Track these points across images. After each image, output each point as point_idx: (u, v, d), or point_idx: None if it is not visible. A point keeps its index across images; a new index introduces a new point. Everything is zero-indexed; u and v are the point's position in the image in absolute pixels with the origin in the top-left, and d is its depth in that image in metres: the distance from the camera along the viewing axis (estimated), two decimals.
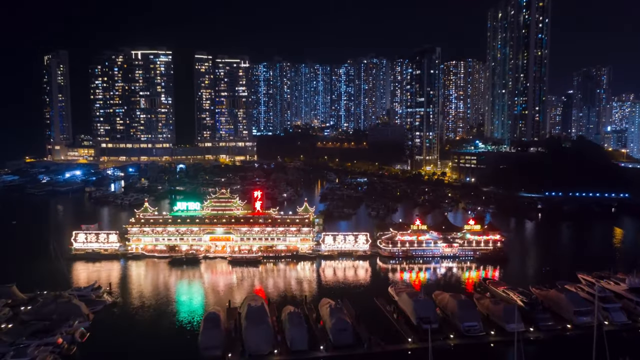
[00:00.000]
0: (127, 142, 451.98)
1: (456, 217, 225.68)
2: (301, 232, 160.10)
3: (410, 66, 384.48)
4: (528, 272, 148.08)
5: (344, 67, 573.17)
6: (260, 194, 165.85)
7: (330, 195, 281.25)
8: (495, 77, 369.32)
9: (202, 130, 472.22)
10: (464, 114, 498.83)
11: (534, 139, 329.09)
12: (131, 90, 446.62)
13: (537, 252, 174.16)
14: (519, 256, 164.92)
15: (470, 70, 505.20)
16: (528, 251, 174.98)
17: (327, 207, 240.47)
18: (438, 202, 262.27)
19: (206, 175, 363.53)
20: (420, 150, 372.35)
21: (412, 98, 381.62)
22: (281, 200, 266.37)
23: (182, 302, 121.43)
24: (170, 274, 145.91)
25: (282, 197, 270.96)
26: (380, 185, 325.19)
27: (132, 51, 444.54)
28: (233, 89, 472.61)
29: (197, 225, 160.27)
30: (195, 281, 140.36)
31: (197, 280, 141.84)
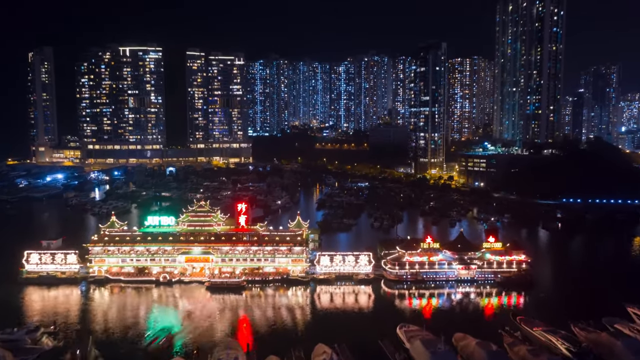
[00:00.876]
0: (114, 143, 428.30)
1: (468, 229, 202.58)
2: (293, 252, 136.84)
3: (414, 63, 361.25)
4: (560, 302, 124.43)
5: (343, 64, 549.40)
6: (245, 207, 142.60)
7: (328, 202, 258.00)
8: (505, 75, 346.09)
9: (195, 131, 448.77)
10: (470, 114, 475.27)
11: (548, 140, 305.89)
12: (119, 89, 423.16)
13: (567, 273, 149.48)
14: (546, 279, 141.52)
15: (475, 68, 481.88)
16: (556, 273, 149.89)
17: (324, 216, 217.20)
18: (446, 210, 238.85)
19: (196, 179, 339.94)
20: (425, 152, 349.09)
21: (416, 97, 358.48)
22: (275, 208, 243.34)
23: (143, 348, 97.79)
24: (136, 303, 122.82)
25: (275, 205, 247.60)
26: (383, 190, 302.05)
27: (120, 47, 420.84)
28: (227, 87, 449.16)
29: (170, 244, 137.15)
30: (165, 313, 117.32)
31: (168, 310, 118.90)
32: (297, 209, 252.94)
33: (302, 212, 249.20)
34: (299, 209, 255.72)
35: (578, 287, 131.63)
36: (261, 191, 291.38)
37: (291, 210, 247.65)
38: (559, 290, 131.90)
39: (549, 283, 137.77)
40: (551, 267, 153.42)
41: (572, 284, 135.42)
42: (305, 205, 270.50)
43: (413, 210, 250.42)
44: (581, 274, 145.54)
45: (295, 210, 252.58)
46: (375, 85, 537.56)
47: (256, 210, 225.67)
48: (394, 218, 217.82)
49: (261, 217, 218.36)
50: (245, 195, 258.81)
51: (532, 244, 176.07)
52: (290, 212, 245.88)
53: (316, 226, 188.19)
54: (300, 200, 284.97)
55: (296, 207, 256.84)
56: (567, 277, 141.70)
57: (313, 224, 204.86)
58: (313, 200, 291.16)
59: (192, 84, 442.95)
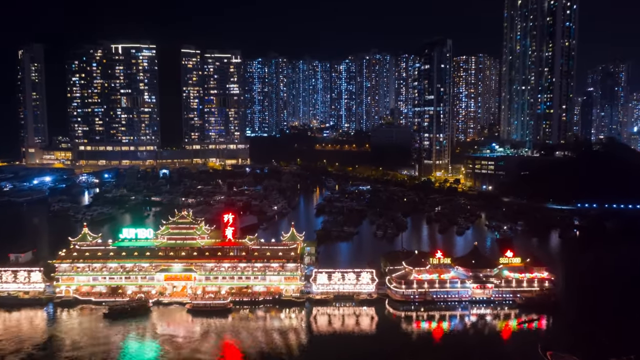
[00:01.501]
0: (107, 144, 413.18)
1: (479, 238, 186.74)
2: (286, 269, 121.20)
3: (418, 61, 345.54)
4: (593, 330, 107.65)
5: (344, 63, 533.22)
6: (232, 217, 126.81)
7: (328, 207, 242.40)
8: (513, 72, 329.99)
9: (190, 132, 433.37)
10: (475, 114, 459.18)
11: (560, 141, 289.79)
12: (111, 88, 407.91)
13: (595, 293, 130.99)
14: (573, 301, 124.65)
15: (481, 66, 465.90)
16: (584, 293, 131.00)
17: (323, 224, 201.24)
18: (453, 216, 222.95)
19: (190, 182, 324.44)
20: (430, 154, 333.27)
21: (420, 96, 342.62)
22: (270, 215, 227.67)
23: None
24: (106, 329, 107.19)
25: (271, 211, 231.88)
26: (385, 194, 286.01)
27: (112, 45, 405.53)
28: (223, 86, 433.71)
29: (148, 260, 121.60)
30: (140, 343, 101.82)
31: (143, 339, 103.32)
32: (294, 215, 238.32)
33: (300, 218, 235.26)
34: (296, 215, 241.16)
35: (612, 310, 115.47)
36: (257, 195, 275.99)
37: (288, 216, 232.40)
38: (590, 315, 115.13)
39: (576, 306, 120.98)
40: (577, 286, 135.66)
41: (604, 307, 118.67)
42: (304, 210, 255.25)
43: (418, 215, 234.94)
44: (613, 294, 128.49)
45: (293, 216, 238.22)
46: (377, 84, 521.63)
47: (249, 217, 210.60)
48: (398, 226, 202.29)
49: (255, 225, 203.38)
50: (239, 201, 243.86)
51: (551, 257, 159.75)
52: (287, 218, 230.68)
53: (314, 236, 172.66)
54: (298, 205, 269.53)
55: (294, 213, 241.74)
56: (598, 299, 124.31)
57: (311, 232, 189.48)
58: (312, 205, 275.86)
59: (187, 82, 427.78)
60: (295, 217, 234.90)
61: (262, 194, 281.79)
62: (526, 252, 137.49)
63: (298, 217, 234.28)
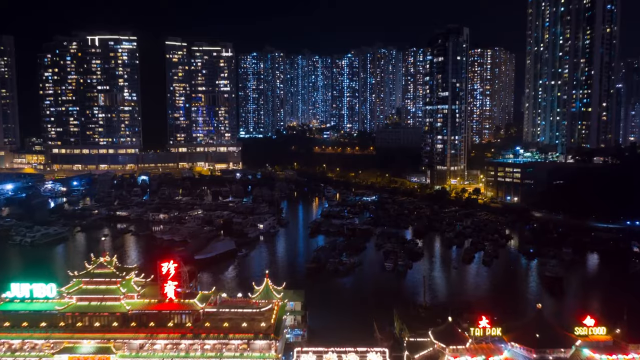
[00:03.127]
0: (82, 147, 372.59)
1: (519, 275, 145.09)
2: (253, 348, 79.57)
3: (430, 52, 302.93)
4: None
5: (346, 57, 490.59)
6: (175, 267, 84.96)
7: (325, 225, 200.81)
8: (540, 65, 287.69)
9: (175, 133, 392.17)
10: (491, 113, 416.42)
11: (600, 145, 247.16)
12: (87, 84, 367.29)
13: None
14: None
15: (497, 60, 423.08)
16: None
17: (317, 253, 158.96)
18: (478, 237, 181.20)
19: (169, 191, 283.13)
20: (443, 159, 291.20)
21: (432, 92, 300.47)
22: (254, 236, 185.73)
23: None
24: None
25: (255, 231, 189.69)
26: (393, 206, 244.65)
27: (88, 36, 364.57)
28: (213, 82, 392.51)
29: (43, 334, 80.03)
30: None
31: None
32: (284, 236, 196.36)
33: (290, 240, 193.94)
34: (287, 235, 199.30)
35: None
36: (243, 209, 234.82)
37: (276, 239, 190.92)
38: None
39: None
40: None
41: None
42: (297, 227, 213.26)
43: (433, 236, 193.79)
44: None
45: (282, 237, 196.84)
46: (383, 81, 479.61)
47: (224, 242, 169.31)
48: (411, 253, 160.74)
49: (231, 252, 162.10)
50: (218, 218, 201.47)
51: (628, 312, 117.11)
52: (275, 239, 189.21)
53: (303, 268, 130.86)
54: (293, 219, 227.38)
55: (284, 233, 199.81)
56: None
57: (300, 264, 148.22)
58: (311, 216, 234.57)
59: (172, 78, 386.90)
60: (285, 238, 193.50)
61: (249, 206, 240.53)
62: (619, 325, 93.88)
63: (288, 240, 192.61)
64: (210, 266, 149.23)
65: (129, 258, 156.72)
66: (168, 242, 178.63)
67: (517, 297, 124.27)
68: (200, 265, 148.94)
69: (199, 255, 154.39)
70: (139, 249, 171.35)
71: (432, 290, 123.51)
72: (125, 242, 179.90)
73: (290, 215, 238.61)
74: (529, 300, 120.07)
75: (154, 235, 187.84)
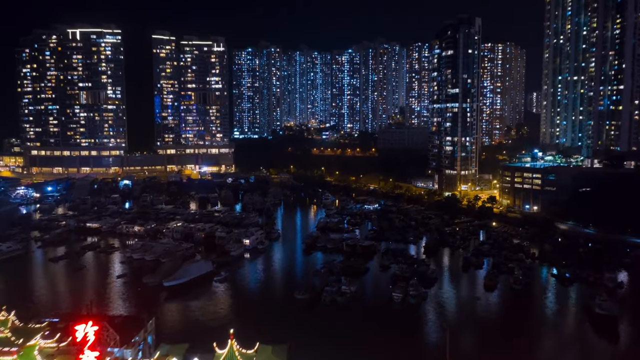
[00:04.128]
0: (63, 148, 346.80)
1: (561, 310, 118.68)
2: None
3: (439, 45, 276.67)
4: None
5: (347, 53, 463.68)
6: (95, 331, 58.67)
7: (322, 240, 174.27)
8: (560, 59, 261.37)
9: (163, 133, 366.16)
10: (502, 112, 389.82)
11: (632, 148, 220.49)
12: (68, 81, 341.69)
13: None
14: None
15: (507, 56, 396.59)
16: None
17: (310, 278, 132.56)
18: (501, 256, 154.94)
19: (152, 197, 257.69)
20: (453, 162, 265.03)
21: (440, 89, 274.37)
22: (237, 255, 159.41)
23: None
24: None
25: (239, 249, 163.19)
26: (399, 216, 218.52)
27: (69, 29, 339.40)
28: (203, 79, 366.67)
29: None
30: None
31: None
32: (273, 253, 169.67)
33: (281, 258, 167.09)
34: (276, 251, 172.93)
35: None
36: (230, 219, 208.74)
37: (264, 257, 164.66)
38: None
39: None
40: None
41: None
42: (290, 242, 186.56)
43: (446, 251, 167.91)
44: None
45: (271, 254, 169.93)
46: (385, 78, 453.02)
47: (202, 263, 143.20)
48: (423, 277, 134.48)
49: (209, 275, 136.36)
50: (199, 231, 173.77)
51: None
52: (261, 259, 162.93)
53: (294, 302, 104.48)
54: (286, 230, 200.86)
55: (273, 248, 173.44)
56: None
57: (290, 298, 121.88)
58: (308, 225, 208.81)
59: (159, 75, 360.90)
60: (275, 256, 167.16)
61: (237, 216, 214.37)
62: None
63: (278, 258, 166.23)
64: (180, 295, 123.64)
65: (76, 291, 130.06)
66: (138, 262, 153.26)
67: (568, 348, 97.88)
68: (170, 294, 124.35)
69: (169, 281, 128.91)
70: (99, 274, 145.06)
71: (454, 337, 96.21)
72: (85, 263, 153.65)
73: (283, 226, 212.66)
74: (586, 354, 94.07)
75: (124, 252, 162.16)
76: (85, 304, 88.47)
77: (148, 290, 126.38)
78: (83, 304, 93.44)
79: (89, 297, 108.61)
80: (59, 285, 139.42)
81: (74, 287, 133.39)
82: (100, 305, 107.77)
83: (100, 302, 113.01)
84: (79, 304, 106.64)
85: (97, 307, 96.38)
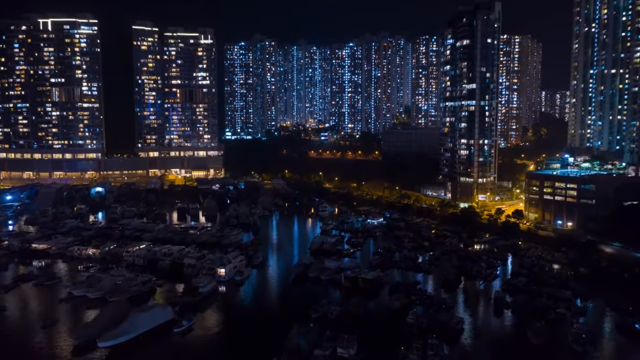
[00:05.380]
0: (34, 151, 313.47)
1: None
2: None
3: (452, 35, 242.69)
4: None
5: (347, 47, 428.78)
6: None
7: (315, 269, 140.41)
8: (593, 50, 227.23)
9: (145, 134, 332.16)
10: (519, 111, 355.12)
11: None
12: (38, 76, 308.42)
13: None
14: None
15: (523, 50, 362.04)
16: None
17: (296, 339, 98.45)
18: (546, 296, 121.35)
19: (121, 208, 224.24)
20: (469, 168, 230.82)
21: (454, 85, 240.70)
22: (207, 292, 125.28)
23: None
24: None
25: (209, 283, 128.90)
26: (408, 233, 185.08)
27: (40, 19, 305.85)
28: (190, 75, 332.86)
29: None
30: None
31: None
32: (254, 286, 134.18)
33: (264, 296, 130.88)
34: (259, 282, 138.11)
35: None
36: (208, 237, 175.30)
37: (242, 293, 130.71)
38: None
39: None
40: None
41: None
42: (277, 269, 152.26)
43: (469, 283, 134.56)
44: None
45: (251, 290, 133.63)
46: (389, 74, 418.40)
47: (156, 311, 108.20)
48: (447, 330, 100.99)
49: (167, 325, 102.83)
50: (163, 259, 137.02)
51: None
52: (238, 297, 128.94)
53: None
54: (274, 252, 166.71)
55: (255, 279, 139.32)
56: None
57: None
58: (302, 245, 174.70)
59: (141, 70, 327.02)
60: (256, 293, 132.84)
61: (216, 234, 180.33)
62: None
63: (259, 295, 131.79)
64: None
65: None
66: (79, 301, 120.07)
67: None
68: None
69: (106, 341, 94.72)
70: (19, 323, 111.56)
71: None
72: (8, 302, 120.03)
73: (272, 244, 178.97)
74: None
75: (66, 287, 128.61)
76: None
77: (76, 354, 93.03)
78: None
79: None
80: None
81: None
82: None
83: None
84: None
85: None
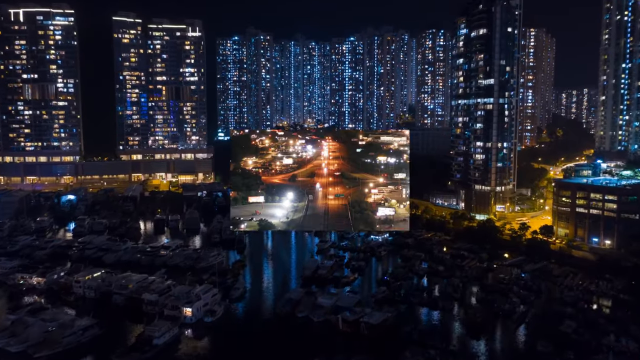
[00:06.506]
0: (4, 153, 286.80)
1: None
2: None
3: (466, 24, 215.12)
4: None
5: (348, 42, 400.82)
6: None
7: (305, 307, 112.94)
8: (624, 42, 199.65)
9: (127, 136, 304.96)
10: (535, 110, 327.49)
11: None
12: (9, 72, 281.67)
13: None
14: None
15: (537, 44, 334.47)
16: None
17: None
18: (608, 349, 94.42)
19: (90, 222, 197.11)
20: (486, 175, 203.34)
21: (467, 80, 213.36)
22: (161, 346, 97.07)
23: None
24: None
25: (167, 332, 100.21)
26: (418, 253, 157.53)
27: (11, 10, 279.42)
28: (176, 70, 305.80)
29: None
30: None
31: None
32: (226, 339, 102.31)
33: (237, 343, 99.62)
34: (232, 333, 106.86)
35: None
36: (182, 259, 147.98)
37: (211, 342, 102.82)
38: None
39: None
40: None
41: None
42: (258, 307, 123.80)
43: (498, 326, 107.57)
44: None
45: (223, 338, 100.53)
46: (393, 71, 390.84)
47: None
48: None
49: None
50: (119, 293, 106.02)
51: None
52: (205, 349, 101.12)
53: None
54: (255, 279, 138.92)
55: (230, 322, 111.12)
56: None
57: None
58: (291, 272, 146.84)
59: (122, 65, 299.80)
60: (229, 341, 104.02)
61: (192, 255, 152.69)
62: None
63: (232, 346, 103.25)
64: None
65: None
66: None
67: None
68: None
69: None
70: None
71: None
72: None
73: (257, 268, 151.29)
74: None
75: None
76: None
77: None
78: None
79: None
80: None
81: None
82: None
83: None
84: None
85: None
